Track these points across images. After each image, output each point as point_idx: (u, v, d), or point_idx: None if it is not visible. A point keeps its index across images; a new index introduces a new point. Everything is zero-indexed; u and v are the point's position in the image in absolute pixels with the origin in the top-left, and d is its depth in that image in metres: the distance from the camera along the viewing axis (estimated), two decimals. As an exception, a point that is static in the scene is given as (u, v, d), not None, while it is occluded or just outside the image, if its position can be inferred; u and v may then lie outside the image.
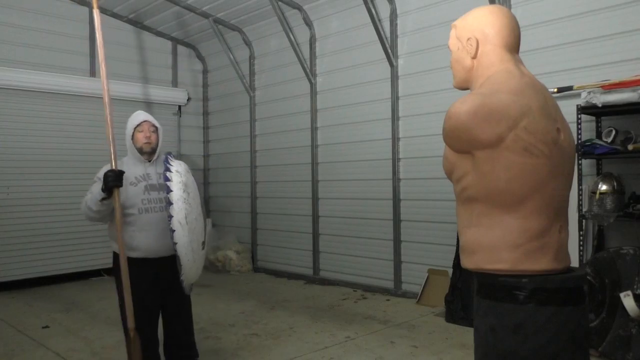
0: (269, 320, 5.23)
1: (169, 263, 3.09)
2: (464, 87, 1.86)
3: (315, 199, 7.14)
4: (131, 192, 3.11)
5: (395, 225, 6.17)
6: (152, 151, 3.23)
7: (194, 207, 3.02)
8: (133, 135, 3.21)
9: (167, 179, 2.96)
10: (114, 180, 2.90)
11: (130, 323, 2.95)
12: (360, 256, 6.62)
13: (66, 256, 7.24)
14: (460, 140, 1.64)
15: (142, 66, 8.28)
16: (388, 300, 5.96)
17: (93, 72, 7.71)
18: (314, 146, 7.15)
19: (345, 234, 6.77)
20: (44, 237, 7.07)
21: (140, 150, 3.21)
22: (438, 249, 5.74)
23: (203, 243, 3.06)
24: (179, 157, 8.10)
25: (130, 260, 3.08)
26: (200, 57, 9.01)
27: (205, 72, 9.08)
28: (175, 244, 2.90)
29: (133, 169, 3.17)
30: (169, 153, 3.21)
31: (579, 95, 4.36)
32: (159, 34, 8.45)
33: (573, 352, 1.63)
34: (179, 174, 3.00)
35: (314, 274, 7.15)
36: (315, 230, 7.15)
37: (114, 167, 2.96)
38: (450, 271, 5.32)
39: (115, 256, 3.21)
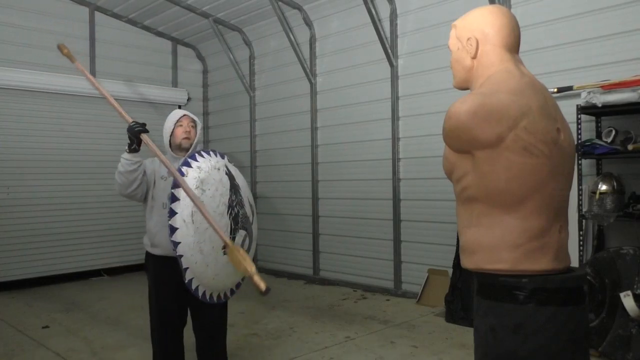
0: (269, 320, 5.23)
1: None
2: (464, 87, 1.86)
3: (315, 199, 7.14)
4: (160, 186, 3.02)
5: (395, 225, 6.17)
6: (190, 146, 3.11)
7: (211, 207, 2.74)
8: (173, 132, 3.11)
9: (182, 174, 2.75)
10: (139, 127, 2.79)
11: (225, 237, 2.55)
12: (360, 256, 6.62)
13: (66, 256, 7.25)
14: (460, 140, 1.64)
15: (142, 66, 8.28)
16: (388, 300, 5.96)
17: (93, 72, 7.71)
18: (314, 146, 7.15)
19: (345, 234, 6.77)
20: (44, 237, 7.07)
21: (179, 147, 3.10)
22: (438, 249, 5.74)
23: (224, 247, 2.61)
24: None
25: (153, 258, 3.03)
26: (200, 57, 9.01)
27: (205, 72, 9.07)
28: (178, 243, 2.66)
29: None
30: (207, 150, 3.02)
31: (579, 95, 4.35)
32: (159, 34, 8.45)
33: (573, 352, 1.62)
34: (199, 169, 2.80)
35: (314, 274, 7.15)
36: (315, 230, 7.15)
37: (129, 120, 2.82)
38: (450, 271, 5.32)
39: (147, 255, 3.11)
